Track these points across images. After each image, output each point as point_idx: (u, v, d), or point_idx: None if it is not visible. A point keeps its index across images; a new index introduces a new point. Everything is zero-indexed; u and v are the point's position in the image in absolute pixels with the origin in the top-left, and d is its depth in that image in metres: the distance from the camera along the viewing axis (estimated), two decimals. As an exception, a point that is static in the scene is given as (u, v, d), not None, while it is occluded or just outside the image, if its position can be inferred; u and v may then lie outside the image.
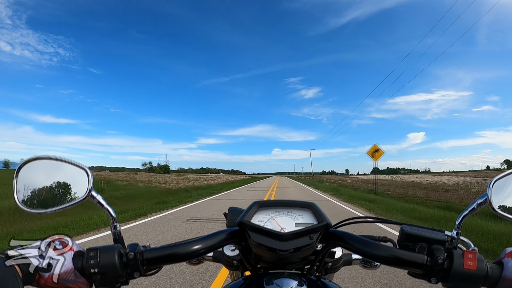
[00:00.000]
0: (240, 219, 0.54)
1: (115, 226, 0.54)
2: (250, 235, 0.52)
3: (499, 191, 0.51)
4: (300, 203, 0.58)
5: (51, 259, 0.44)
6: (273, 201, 0.59)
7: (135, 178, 31.73)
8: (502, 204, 0.51)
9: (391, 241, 0.57)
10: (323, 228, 0.53)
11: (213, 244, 0.53)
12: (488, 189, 0.50)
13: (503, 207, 0.50)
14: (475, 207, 0.51)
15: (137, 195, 12.75)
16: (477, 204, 0.51)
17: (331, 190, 19.36)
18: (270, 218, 0.56)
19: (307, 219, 0.56)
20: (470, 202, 0.53)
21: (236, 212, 0.73)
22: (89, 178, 0.53)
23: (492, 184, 0.50)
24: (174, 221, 6.66)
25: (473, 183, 20.95)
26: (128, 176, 38.08)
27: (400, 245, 0.51)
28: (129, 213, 7.62)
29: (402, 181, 39.95)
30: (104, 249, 0.47)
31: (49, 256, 0.44)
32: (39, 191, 0.54)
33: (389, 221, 0.63)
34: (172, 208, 9.06)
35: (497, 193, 0.51)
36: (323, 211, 0.56)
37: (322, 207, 0.58)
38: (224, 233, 0.55)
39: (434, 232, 0.50)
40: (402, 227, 0.52)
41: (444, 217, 6.69)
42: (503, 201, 0.51)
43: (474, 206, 0.51)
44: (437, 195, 13.46)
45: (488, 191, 0.50)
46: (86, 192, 0.52)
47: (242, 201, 11.76)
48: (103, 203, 0.54)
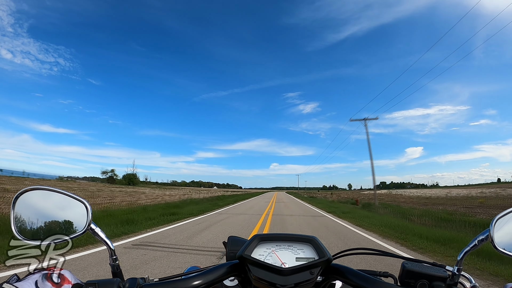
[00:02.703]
0: (241, 253, 0.57)
1: (114, 259, 0.57)
2: (250, 269, 0.55)
3: (501, 229, 0.56)
4: (301, 237, 0.61)
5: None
6: (274, 234, 0.62)
7: (87, 188, 29.37)
8: (504, 241, 0.55)
9: (392, 277, 0.60)
10: (324, 263, 0.56)
11: (214, 278, 0.55)
12: (490, 226, 0.55)
13: (505, 245, 0.55)
14: (476, 244, 0.56)
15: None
16: (478, 240, 0.55)
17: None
18: (271, 252, 0.59)
19: (308, 254, 0.59)
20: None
21: (236, 242, 0.76)
22: (88, 211, 0.56)
23: (494, 222, 0.55)
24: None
25: (505, 195, 21.29)
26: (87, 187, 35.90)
27: (401, 282, 0.55)
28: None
29: (422, 196, 39.04)
30: (102, 283, 0.49)
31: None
32: (37, 222, 0.55)
33: (390, 254, 0.67)
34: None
35: (499, 230, 0.55)
36: (324, 245, 0.59)
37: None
38: (224, 266, 0.57)
39: (436, 268, 0.55)
40: (403, 264, 0.56)
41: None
42: (505, 239, 0.55)
43: (476, 243, 0.56)
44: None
45: (490, 228, 0.55)
46: (86, 225, 0.55)
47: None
48: (102, 236, 0.57)
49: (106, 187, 43.74)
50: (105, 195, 24.13)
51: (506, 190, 48.25)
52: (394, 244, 6.48)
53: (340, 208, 17.90)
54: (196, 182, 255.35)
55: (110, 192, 29.71)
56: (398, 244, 6.45)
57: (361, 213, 14.06)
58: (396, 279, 0.57)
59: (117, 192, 32.03)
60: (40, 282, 0.45)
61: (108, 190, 35.36)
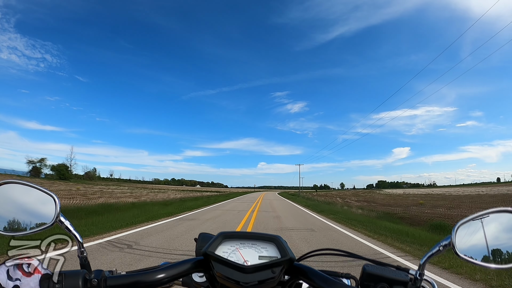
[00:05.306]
0: (205, 250, 0.61)
1: (82, 251, 0.61)
2: (214, 266, 0.59)
3: (463, 235, 0.59)
4: (264, 236, 0.64)
5: (18, 281, 0.50)
6: (238, 232, 0.65)
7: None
8: (466, 248, 0.59)
9: (354, 279, 0.64)
10: (286, 262, 0.59)
11: (179, 272, 0.59)
12: (452, 232, 0.58)
13: (466, 251, 0.58)
14: (440, 249, 0.59)
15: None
16: (442, 246, 0.59)
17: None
18: (235, 249, 0.63)
19: (271, 252, 0.62)
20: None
21: (206, 239, 0.80)
22: (57, 204, 0.60)
23: (456, 228, 0.58)
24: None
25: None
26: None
27: (361, 284, 0.58)
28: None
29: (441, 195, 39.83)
30: (69, 274, 0.53)
31: (17, 278, 0.50)
32: (7, 215, 0.60)
33: (357, 256, 0.70)
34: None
35: (460, 237, 0.59)
36: (287, 245, 0.62)
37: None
38: (189, 262, 0.61)
39: (397, 272, 0.58)
40: (364, 266, 0.60)
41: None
42: (466, 245, 0.59)
43: (440, 248, 0.59)
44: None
45: (452, 234, 0.58)
46: (54, 218, 0.59)
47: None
48: (71, 228, 0.62)
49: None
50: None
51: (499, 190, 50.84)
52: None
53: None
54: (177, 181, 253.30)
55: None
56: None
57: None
58: (358, 281, 0.60)
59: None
60: (11, 271, 0.50)
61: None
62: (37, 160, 78.07)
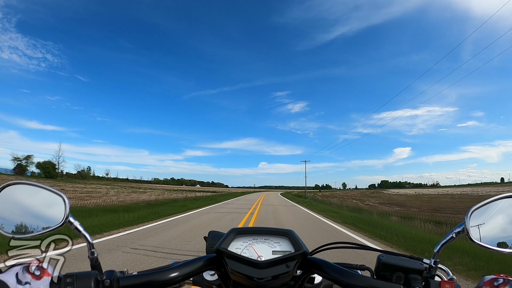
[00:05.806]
0: (218, 247, 0.60)
1: (93, 252, 0.61)
2: (227, 262, 0.58)
3: (477, 221, 0.59)
4: (277, 230, 0.64)
5: (28, 285, 0.49)
6: (251, 228, 0.65)
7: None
8: (480, 233, 0.58)
9: (368, 270, 0.64)
10: (300, 256, 0.59)
11: (191, 271, 0.59)
12: (466, 218, 0.58)
13: (480, 237, 0.58)
14: (453, 236, 0.59)
15: None
16: (455, 233, 0.58)
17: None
18: (248, 245, 0.63)
19: (284, 247, 0.62)
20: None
21: (216, 236, 0.80)
22: (66, 205, 0.59)
23: (470, 214, 0.58)
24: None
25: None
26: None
27: (377, 275, 0.58)
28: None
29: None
30: (81, 276, 0.52)
31: (26, 281, 0.49)
32: (16, 216, 0.59)
33: (368, 248, 0.71)
34: None
35: (474, 222, 0.59)
36: (300, 238, 0.63)
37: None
38: (202, 260, 0.61)
39: (412, 261, 0.58)
40: (379, 257, 0.60)
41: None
42: (480, 231, 0.59)
43: (453, 235, 0.59)
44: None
45: (466, 220, 0.58)
46: (64, 218, 0.59)
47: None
48: (81, 229, 0.61)
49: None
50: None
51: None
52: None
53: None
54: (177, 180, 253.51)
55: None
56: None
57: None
58: (373, 272, 0.60)
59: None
60: (20, 274, 0.49)
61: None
62: (23, 157, 74.89)
